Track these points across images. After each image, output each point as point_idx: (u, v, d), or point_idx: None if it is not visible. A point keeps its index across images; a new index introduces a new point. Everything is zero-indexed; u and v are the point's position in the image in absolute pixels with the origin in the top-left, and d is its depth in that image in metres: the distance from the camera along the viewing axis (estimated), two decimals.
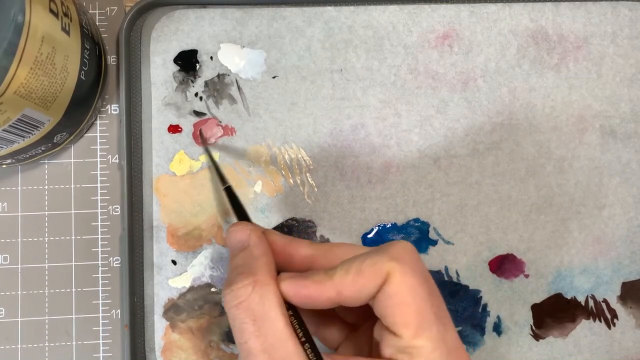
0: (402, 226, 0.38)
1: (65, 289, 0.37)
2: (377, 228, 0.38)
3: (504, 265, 0.38)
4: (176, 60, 0.37)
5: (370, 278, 0.25)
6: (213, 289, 0.37)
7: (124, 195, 0.36)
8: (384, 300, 0.25)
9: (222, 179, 0.34)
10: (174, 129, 0.37)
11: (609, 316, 0.39)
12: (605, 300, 0.39)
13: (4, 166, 0.37)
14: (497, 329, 0.38)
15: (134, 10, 0.37)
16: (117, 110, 0.38)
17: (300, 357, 0.24)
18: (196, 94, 0.38)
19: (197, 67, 0.38)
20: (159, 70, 0.37)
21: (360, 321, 0.30)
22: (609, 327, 0.39)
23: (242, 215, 0.31)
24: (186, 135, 0.37)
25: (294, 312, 0.26)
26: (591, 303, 0.39)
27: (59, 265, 0.37)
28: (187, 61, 0.37)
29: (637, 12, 0.39)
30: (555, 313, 0.38)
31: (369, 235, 0.38)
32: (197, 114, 0.37)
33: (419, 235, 0.38)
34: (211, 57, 0.38)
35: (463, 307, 0.38)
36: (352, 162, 0.38)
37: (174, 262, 0.37)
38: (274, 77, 0.38)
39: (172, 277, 0.37)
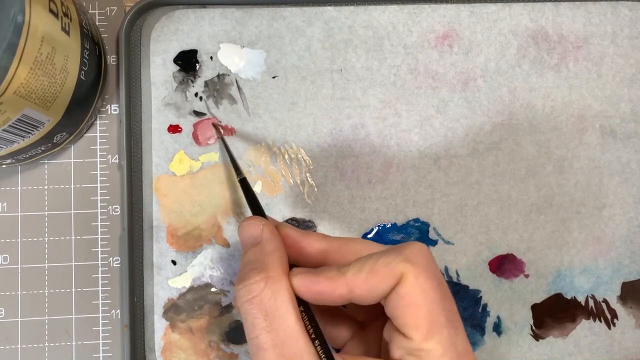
0: (402, 226, 0.38)
1: (65, 289, 0.37)
2: (377, 228, 0.38)
3: (504, 265, 0.38)
4: (176, 60, 0.37)
5: (383, 278, 0.25)
6: (213, 289, 0.37)
7: (124, 195, 0.36)
8: (396, 301, 0.25)
9: (237, 170, 0.34)
10: (174, 129, 0.37)
11: (609, 316, 0.39)
12: (605, 300, 0.39)
13: (4, 166, 0.37)
14: (497, 329, 0.38)
15: (134, 10, 0.37)
16: (117, 110, 0.38)
17: (310, 353, 0.24)
18: (196, 94, 0.37)
19: (197, 67, 0.37)
20: (159, 70, 0.37)
21: (370, 319, 0.29)
22: (609, 327, 0.39)
23: (256, 208, 0.31)
24: (186, 135, 0.37)
25: (306, 308, 0.26)
26: (591, 303, 0.39)
27: (59, 265, 0.37)
28: (187, 61, 0.37)
29: (637, 12, 0.39)
30: (555, 313, 0.38)
31: (369, 235, 0.38)
32: (197, 114, 0.37)
33: (419, 235, 0.38)
34: (211, 57, 0.38)
35: (463, 307, 0.38)
36: (352, 162, 0.38)
37: (173, 262, 0.37)
38: (274, 77, 0.38)
39: (172, 277, 0.37)
